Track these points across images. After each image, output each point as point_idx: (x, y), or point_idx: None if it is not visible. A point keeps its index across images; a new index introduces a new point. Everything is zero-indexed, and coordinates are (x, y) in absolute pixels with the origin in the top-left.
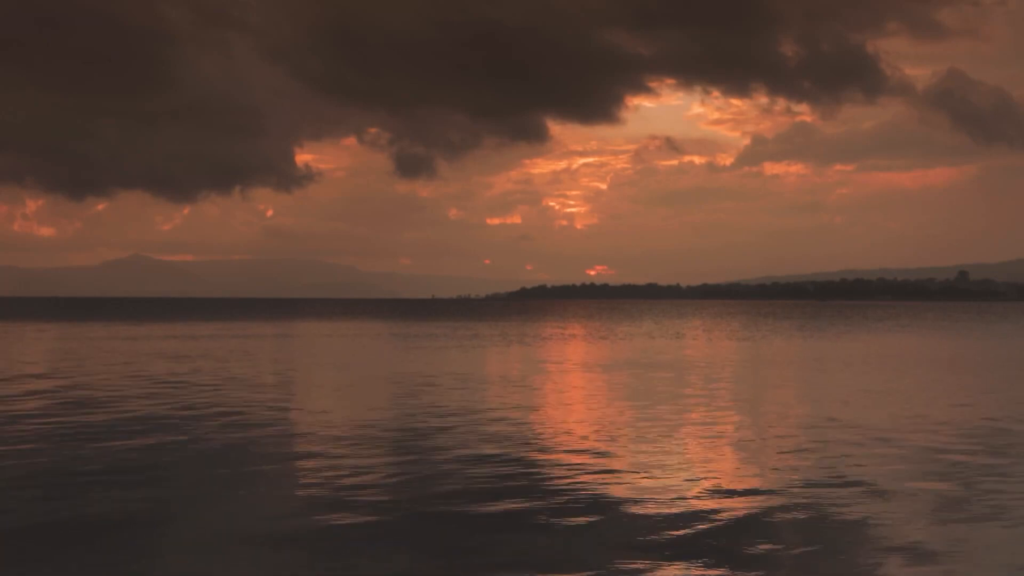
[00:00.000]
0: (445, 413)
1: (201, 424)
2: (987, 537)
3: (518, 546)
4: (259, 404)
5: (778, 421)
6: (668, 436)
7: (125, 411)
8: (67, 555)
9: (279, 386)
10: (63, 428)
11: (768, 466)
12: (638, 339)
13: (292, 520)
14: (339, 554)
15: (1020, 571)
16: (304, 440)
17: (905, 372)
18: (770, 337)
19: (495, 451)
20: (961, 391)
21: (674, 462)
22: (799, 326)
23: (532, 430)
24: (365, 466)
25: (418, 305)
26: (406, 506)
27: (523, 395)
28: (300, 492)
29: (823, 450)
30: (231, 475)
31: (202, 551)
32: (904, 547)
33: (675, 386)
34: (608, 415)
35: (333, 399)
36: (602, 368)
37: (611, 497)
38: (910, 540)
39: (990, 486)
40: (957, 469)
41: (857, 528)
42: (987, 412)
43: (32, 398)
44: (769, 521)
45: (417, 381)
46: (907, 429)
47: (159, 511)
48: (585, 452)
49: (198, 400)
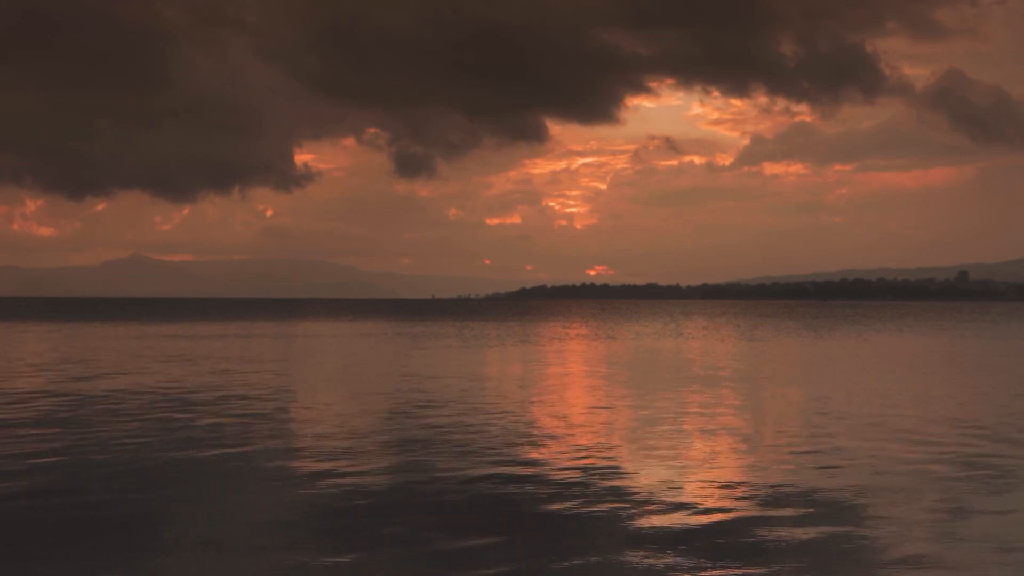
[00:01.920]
0: (447, 413)
1: (202, 424)
2: (992, 538)
3: (519, 546)
4: (260, 404)
5: (815, 420)
6: (703, 438)
7: (125, 411)
8: (67, 555)
9: (279, 386)
10: (63, 428)
11: (805, 467)
12: (649, 339)
13: (292, 520)
14: (339, 555)
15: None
16: (304, 440)
17: (940, 374)
18: (783, 337)
19: (496, 452)
20: (991, 391)
21: (694, 463)
22: (810, 326)
23: (538, 430)
24: (365, 467)
25: (418, 305)
26: (406, 506)
27: (535, 395)
28: (300, 492)
29: (854, 451)
30: (231, 475)
31: (202, 551)
32: (908, 551)
33: (706, 387)
34: (626, 417)
35: (333, 399)
36: (625, 368)
37: (614, 498)
38: (914, 547)
39: (1001, 486)
40: (990, 469)
41: (861, 530)
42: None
43: (32, 398)
44: (777, 520)
45: (418, 381)
46: (945, 430)
47: (158, 511)
48: (595, 454)
49: (198, 400)
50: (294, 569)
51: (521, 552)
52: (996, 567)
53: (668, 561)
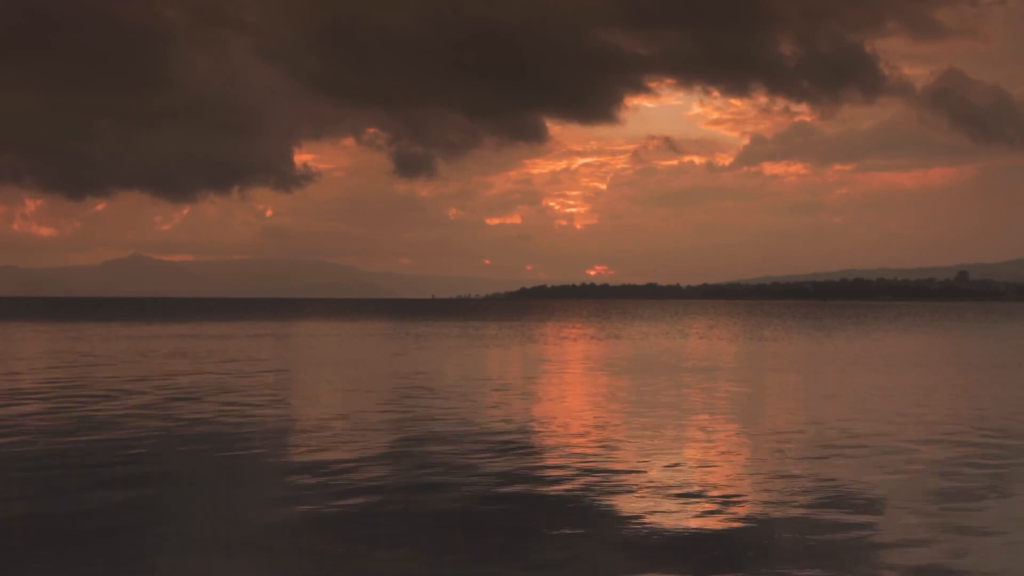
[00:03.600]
0: (450, 414)
1: (202, 424)
2: (993, 545)
3: (518, 547)
4: (260, 404)
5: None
6: (730, 441)
7: (126, 411)
8: (67, 555)
9: (280, 386)
10: (64, 428)
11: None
12: (656, 338)
13: (292, 521)
14: (338, 554)
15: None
16: (304, 440)
17: (960, 372)
18: (793, 337)
19: (497, 452)
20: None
21: (713, 466)
22: (819, 326)
23: (541, 429)
24: (365, 467)
25: (418, 305)
26: (406, 507)
27: (539, 395)
28: (300, 493)
29: (883, 451)
30: (232, 475)
31: (201, 552)
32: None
33: (726, 388)
34: (640, 417)
35: (334, 399)
36: (629, 368)
37: (617, 499)
38: (917, 550)
39: (1005, 492)
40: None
41: (863, 535)
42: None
43: (32, 399)
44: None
45: (419, 381)
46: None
47: (157, 511)
48: (601, 456)
49: (199, 400)
50: (295, 569)
51: (522, 552)
52: (1001, 565)
53: (668, 561)
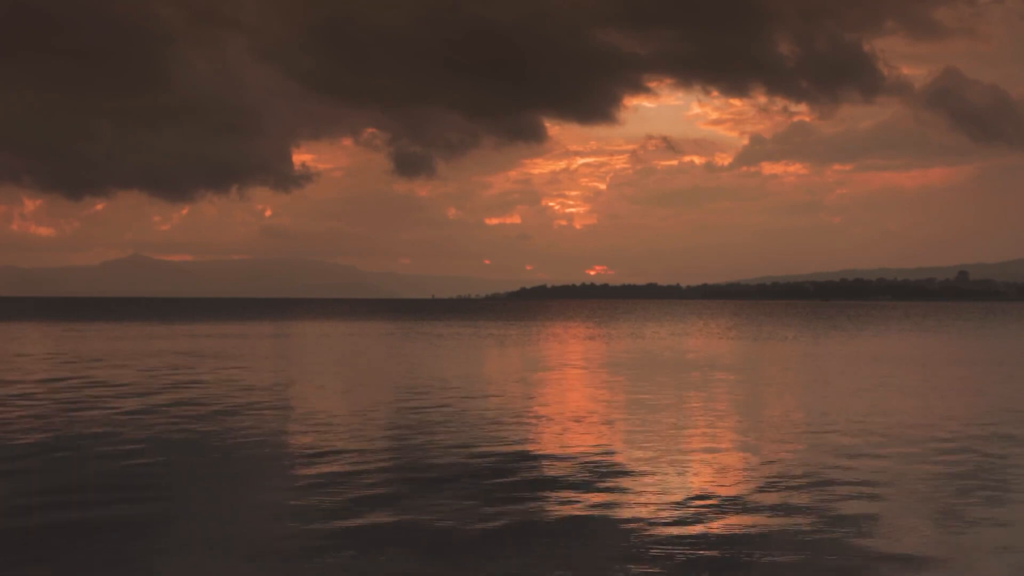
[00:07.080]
0: (453, 414)
1: (202, 425)
2: (993, 543)
3: (518, 547)
4: (260, 404)
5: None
6: (731, 437)
7: (125, 411)
8: (69, 555)
9: (280, 386)
10: (64, 428)
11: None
12: (672, 339)
13: (293, 521)
14: (340, 555)
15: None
16: (305, 441)
17: (965, 373)
18: (804, 337)
19: (498, 453)
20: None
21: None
22: (831, 325)
23: (543, 430)
24: (365, 468)
25: (418, 305)
26: (405, 508)
27: (542, 394)
28: (301, 493)
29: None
30: (232, 476)
31: (201, 552)
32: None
33: (753, 387)
34: (649, 416)
35: (334, 400)
36: (633, 367)
37: (617, 499)
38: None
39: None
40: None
41: (864, 535)
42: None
43: (32, 398)
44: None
45: (419, 381)
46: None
47: (158, 512)
48: (605, 453)
49: (198, 400)
50: (295, 569)
51: (523, 552)
52: (997, 566)
53: (668, 560)
